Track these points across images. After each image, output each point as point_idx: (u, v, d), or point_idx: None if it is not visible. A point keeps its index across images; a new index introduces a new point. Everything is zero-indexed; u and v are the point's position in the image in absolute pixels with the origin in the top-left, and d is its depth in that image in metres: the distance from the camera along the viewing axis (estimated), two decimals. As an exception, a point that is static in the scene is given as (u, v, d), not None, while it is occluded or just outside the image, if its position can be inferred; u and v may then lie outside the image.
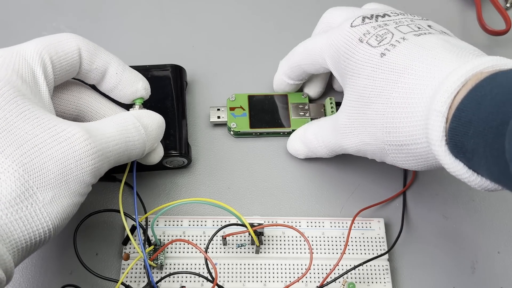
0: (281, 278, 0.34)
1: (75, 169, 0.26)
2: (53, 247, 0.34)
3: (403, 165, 0.30)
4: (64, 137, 0.26)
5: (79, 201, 0.27)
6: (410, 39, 0.29)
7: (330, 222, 0.36)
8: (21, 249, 0.24)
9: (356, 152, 0.33)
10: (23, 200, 0.24)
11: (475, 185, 0.25)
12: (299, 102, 0.40)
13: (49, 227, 0.25)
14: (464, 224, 0.37)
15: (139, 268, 0.33)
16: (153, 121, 0.31)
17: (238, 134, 0.39)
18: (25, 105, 0.26)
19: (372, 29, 0.31)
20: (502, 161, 0.22)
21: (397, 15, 0.33)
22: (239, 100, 0.39)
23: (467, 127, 0.24)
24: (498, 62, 0.25)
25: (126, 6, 0.46)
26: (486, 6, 0.46)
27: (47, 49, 0.29)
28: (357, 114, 0.31)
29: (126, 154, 0.29)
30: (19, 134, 0.25)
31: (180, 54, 0.43)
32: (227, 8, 0.46)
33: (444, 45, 0.28)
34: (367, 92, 0.30)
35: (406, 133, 0.27)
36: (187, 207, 0.36)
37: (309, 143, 0.36)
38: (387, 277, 0.34)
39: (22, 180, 0.24)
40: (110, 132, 0.28)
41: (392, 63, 0.29)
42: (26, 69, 0.27)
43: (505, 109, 0.22)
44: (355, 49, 0.31)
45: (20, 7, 0.45)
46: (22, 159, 0.24)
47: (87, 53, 0.30)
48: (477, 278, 0.35)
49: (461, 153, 0.25)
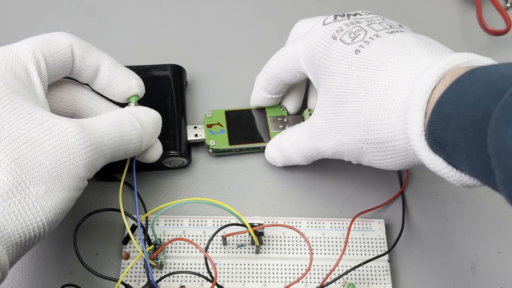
0: (281, 278, 0.34)
1: (69, 163, 0.26)
2: (53, 247, 0.34)
3: (381, 164, 0.30)
4: (57, 131, 0.26)
5: (74, 196, 0.27)
6: (383, 36, 0.29)
7: (331, 223, 0.35)
8: (15, 244, 0.24)
9: (333, 155, 0.32)
10: (15, 194, 0.24)
11: (454, 180, 0.25)
12: (278, 115, 0.39)
13: (43, 222, 0.25)
14: (464, 224, 0.37)
15: (139, 268, 0.33)
16: (149, 116, 0.31)
17: (217, 151, 0.38)
18: (18, 102, 0.26)
19: (344, 26, 0.31)
20: (483, 156, 0.22)
21: (368, 14, 0.33)
22: (216, 117, 0.38)
23: (447, 122, 0.23)
24: (473, 59, 0.25)
25: (126, 6, 0.46)
26: (486, 6, 0.46)
27: (39, 46, 0.29)
28: (332, 114, 0.30)
29: (122, 149, 0.29)
30: (12, 129, 0.25)
31: (180, 54, 0.43)
32: (227, 8, 0.46)
33: (418, 42, 0.28)
34: (342, 90, 0.29)
35: (384, 130, 0.27)
36: (187, 206, 0.36)
37: (284, 150, 0.36)
38: (387, 278, 0.34)
39: (14, 174, 0.24)
40: (104, 126, 0.28)
41: (367, 60, 0.29)
42: (19, 66, 0.28)
43: (486, 103, 0.22)
44: (329, 46, 0.31)
45: (20, 7, 0.45)
46: (15, 153, 0.25)
47: (79, 50, 0.30)
48: (477, 278, 0.35)
49: (441, 148, 0.24)
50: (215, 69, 0.43)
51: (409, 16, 0.47)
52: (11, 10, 0.45)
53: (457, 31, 0.46)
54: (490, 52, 0.45)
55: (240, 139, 0.38)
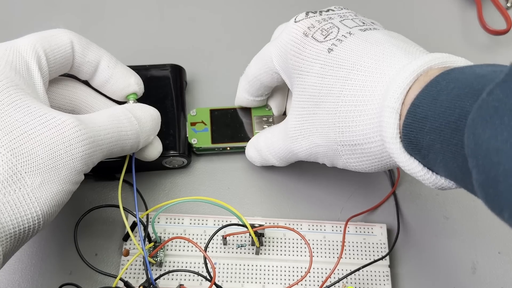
0: (280, 280, 0.33)
1: (65, 155, 0.26)
2: (53, 246, 0.34)
3: (357, 167, 0.29)
4: (54, 124, 0.26)
5: (70, 189, 0.27)
6: (356, 34, 0.29)
7: (332, 226, 0.35)
8: (10, 236, 0.24)
9: (307, 157, 0.32)
10: (10, 183, 0.24)
11: (430, 183, 0.25)
12: (263, 115, 0.38)
13: (37, 213, 0.25)
14: (464, 224, 0.37)
15: (138, 265, 0.33)
16: (146, 113, 0.31)
17: (199, 150, 0.38)
18: (17, 95, 0.26)
19: (316, 23, 0.30)
20: (460, 157, 0.21)
21: (341, 9, 0.32)
22: (200, 115, 0.38)
23: (423, 123, 0.23)
24: (448, 59, 0.25)
25: (126, 6, 0.46)
26: (487, 5, 0.46)
27: (40, 42, 0.29)
28: (307, 115, 0.30)
29: (119, 145, 0.29)
30: (9, 121, 0.25)
31: (180, 54, 0.43)
32: (227, 8, 0.46)
33: (391, 41, 0.28)
34: (316, 90, 0.29)
35: (359, 132, 0.27)
36: (188, 206, 0.36)
37: (260, 150, 0.35)
38: (387, 281, 0.34)
39: (10, 164, 0.24)
40: (101, 121, 0.28)
41: (341, 59, 0.28)
42: (20, 61, 0.28)
43: (462, 103, 0.21)
44: (301, 44, 0.30)
45: (20, 7, 0.45)
46: (11, 144, 0.25)
47: (80, 46, 0.31)
48: (477, 278, 0.35)
49: (416, 150, 0.24)
50: (215, 69, 0.43)
51: (409, 16, 0.47)
52: (11, 10, 0.45)
53: (457, 31, 0.46)
54: (491, 51, 0.45)
55: (223, 138, 0.38)
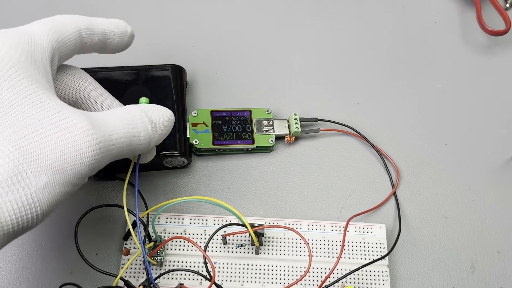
0: (280, 279, 0.34)
1: (74, 159, 0.25)
2: (54, 246, 0.34)
3: None
4: (66, 125, 0.25)
5: (71, 191, 0.26)
6: None
7: (331, 226, 0.35)
8: (6, 233, 0.24)
9: None
10: (15, 182, 0.24)
11: None
12: (263, 117, 0.39)
13: (37, 213, 0.25)
14: (464, 224, 0.37)
15: (138, 264, 0.33)
16: (162, 117, 0.30)
17: (200, 151, 0.38)
18: (31, 88, 0.25)
19: None
20: None
21: None
22: (201, 116, 0.38)
23: None
24: None
25: (126, 6, 0.46)
26: (486, 6, 0.46)
27: (53, 30, 0.29)
28: None
29: (129, 149, 0.29)
30: (21, 117, 0.25)
31: (180, 54, 0.43)
32: (227, 8, 0.46)
33: None
34: None
35: None
36: (188, 205, 0.36)
37: None
38: (386, 280, 0.34)
39: (16, 162, 0.24)
40: (115, 125, 0.28)
41: None
42: (37, 51, 0.27)
43: None
44: None
45: (20, 7, 0.45)
46: (20, 142, 0.24)
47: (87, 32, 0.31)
48: (477, 278, 0.35)
49: None
50: (215, 69, 0.43)
51: (409, 16, 0.47)
52: (11, 10, 0.45)
53: (456, 31, 0.46)
54: (490, 52, 0.45)
55: (224, 140, 0.38)
